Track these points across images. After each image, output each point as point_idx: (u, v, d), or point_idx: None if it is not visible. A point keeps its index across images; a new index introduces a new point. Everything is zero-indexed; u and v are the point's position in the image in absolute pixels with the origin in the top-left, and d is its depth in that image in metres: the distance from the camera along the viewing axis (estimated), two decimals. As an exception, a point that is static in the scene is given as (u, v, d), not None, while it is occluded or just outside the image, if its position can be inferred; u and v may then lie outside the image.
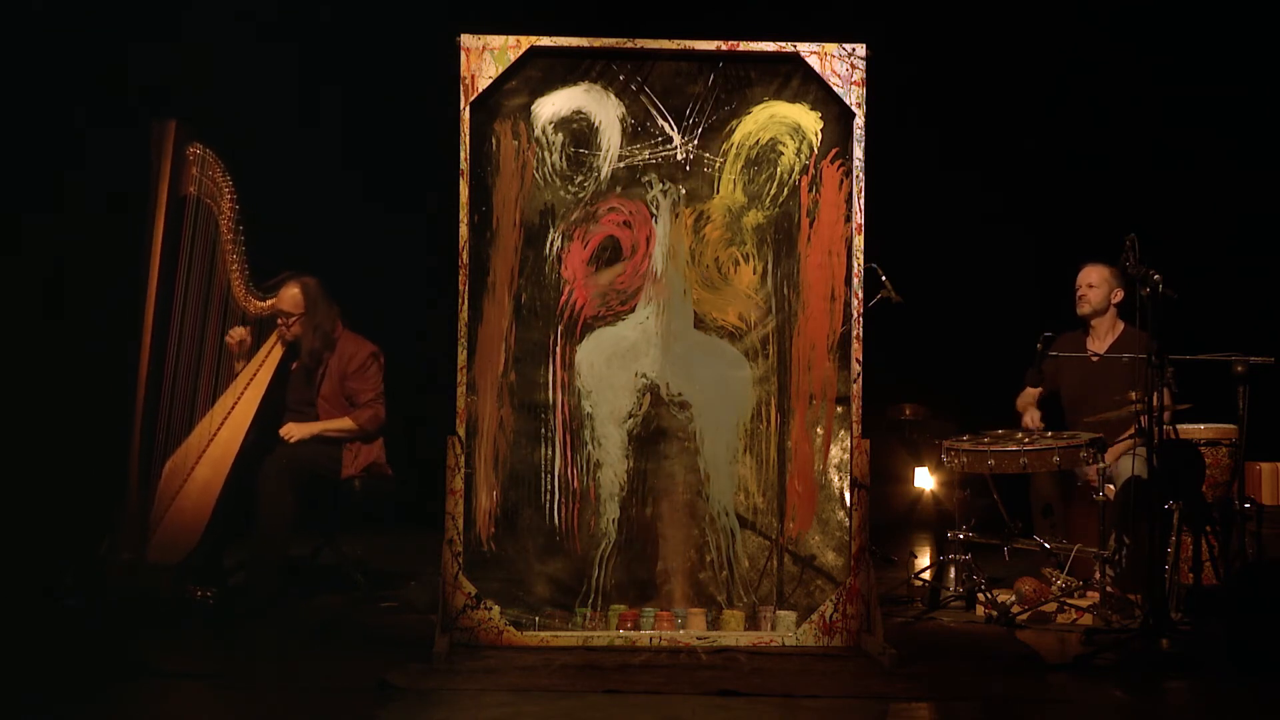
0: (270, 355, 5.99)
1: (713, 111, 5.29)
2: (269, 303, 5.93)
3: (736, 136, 5.29)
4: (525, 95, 5.25)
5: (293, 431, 5.89)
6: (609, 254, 5.29)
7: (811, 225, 5.28)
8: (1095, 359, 6.21)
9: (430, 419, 6.06)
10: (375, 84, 8.26)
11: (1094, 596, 5.60)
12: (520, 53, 5.18)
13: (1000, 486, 5.97)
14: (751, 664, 4.88)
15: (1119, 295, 6.26)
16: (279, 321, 5.98)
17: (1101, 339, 6.27)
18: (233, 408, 5.84)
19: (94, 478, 5.98)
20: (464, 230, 5.13)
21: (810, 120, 5.29)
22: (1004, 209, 8.57)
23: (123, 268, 5.77)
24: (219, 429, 5.79)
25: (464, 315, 5.14)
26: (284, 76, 8.05)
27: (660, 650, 5.04)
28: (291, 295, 5.97)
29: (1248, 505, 5.71)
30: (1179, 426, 5.89)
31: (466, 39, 5.17)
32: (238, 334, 5.92)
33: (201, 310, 5.74)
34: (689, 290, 5.29)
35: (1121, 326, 6.27)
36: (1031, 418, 6.23)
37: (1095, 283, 6.25)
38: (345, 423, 6.00)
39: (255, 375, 5.92)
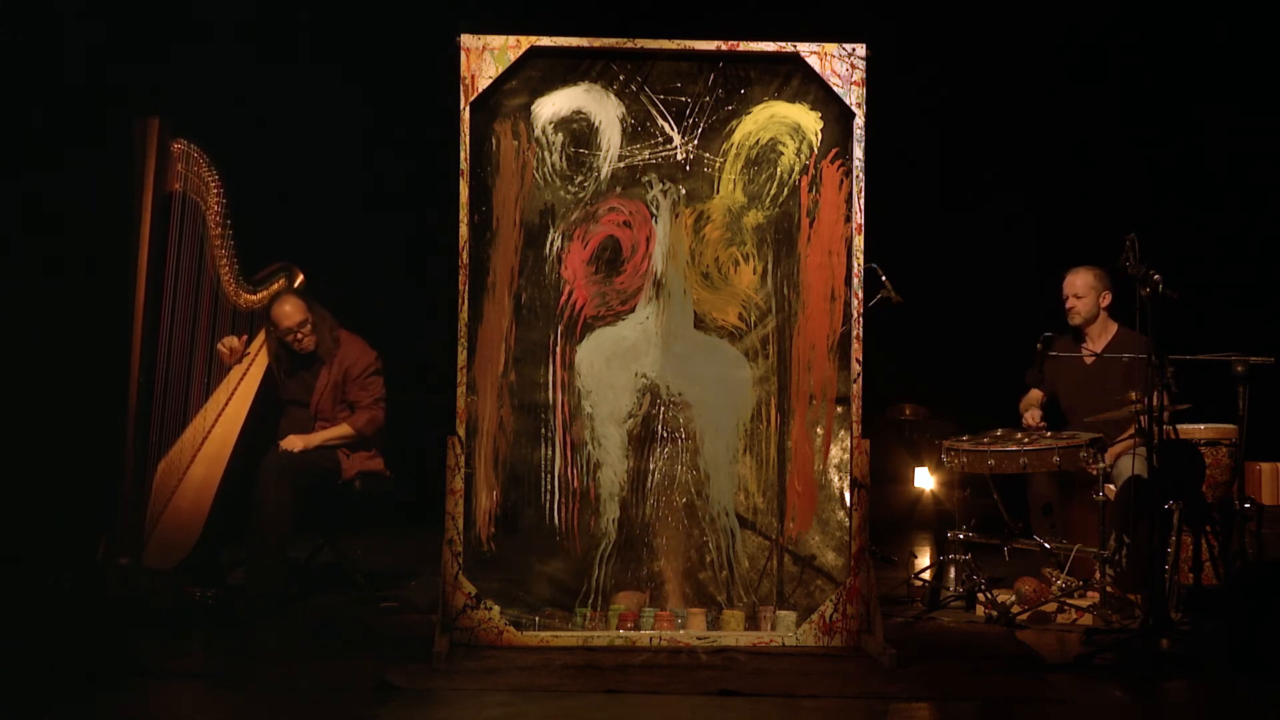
0: (264, 349, 5.97)
1: (713, 111, 5.29)
2: (259, 295, 5.90)
3: (736, 136, 5.29)
4: (525, 95, 5.25)
5: (294, 443, 5.86)
6: (609, 254, 5.29)
7: (811, 225, 5.28)
8: (1091, 359, 6.21)
9: (430, 419, 6.06)
10: (374, 84, 8.25)
11: (1094, 596, 5.60)
12: (520, 53, 5.18)
13: (1000, 486, 5.97)
14: (751, 664, 4.88)
15: (1107, 299, 6.24)
16: (290, 339, 5.92)
17: (1095, 343, 6.25)
18: (226, 403, 5.83)
19: (88, 479, 5.97)
20: (464, 230, 5.13)
21: (810, 120, 5.29)
22: (1004, 208, 8.58)
23: (111, 266, 5.76)
24: (213, 425, 5.78)
25: (464, 315, 5.14)
26: (281, 75, 8.04)
27: (660, 650, 5.04)
28: (289, 310, 5.88)
29: (1248, 505, 5.71)
30: (1179, 426, 5.88)
31: (466, 39, 5.17)
32: (229, 343, 5.89)
33: (192, 306, 5.74)
34: (689, 290, 5.29)
35: (1114, 328, 6.26)
36: (1032, 416, 6.23)
37: (1081, 292, 6.23)
38: (344, 429, 5.97)
39: (249, 370, 5.91)
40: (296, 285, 6.00)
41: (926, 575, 6.13)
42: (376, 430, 6.03)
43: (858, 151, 5.20)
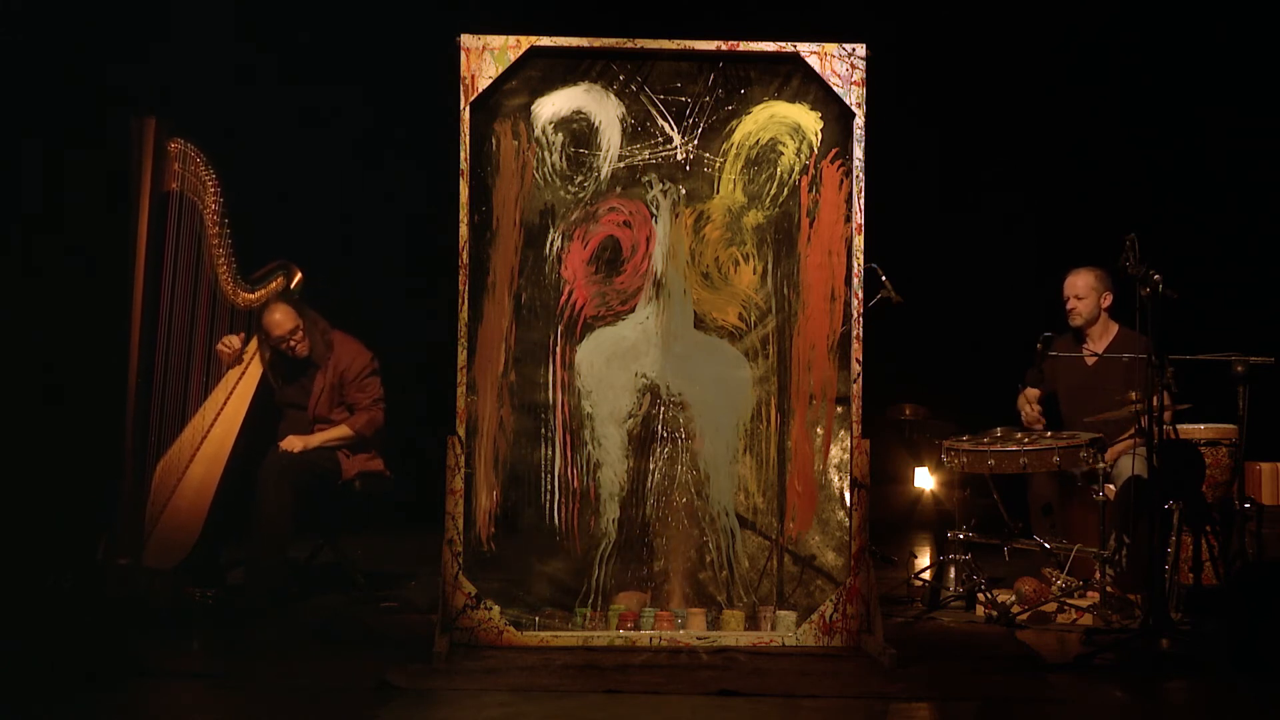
0: (257, 357, 5.97)
1: (713, 111, 5.29)
2: (258, 294, 5.89)
3: (736, 136, 5.29)
4: (525, 95, 5.25)
5: (294, 444, 5.86)
6: (609, 254, 5.29)
7: (811, 225, 5.28)
8: (1092, 359, 6.21)
9: (429, 419, 6.06)
10: (374, 84, 8.25)
11: (1094, 596, 5.60)
12: (520, 53, 5.18)
13: (1000, 486, 5.97)
14: (751, 664, 4.88)
15: (1108, 299, 6.24)
16: (284, 347, 5.91)
17: (1096, 343, 6.25)
18: (225, 403, 5.83)
19: (88, 479, 5.97)
20: (464, 230, 5.13)
21: (810, 120, 5.29)
22: (1004, 208, 8.58)
23: (109, 266, 5.76)
24: (213, 425, 5.78)
25: (464, 315, 5.14)
26: (281, 74, 8.05)
27: (660, 650, 5.04)
28: (279, 318, 5.86)
29: (1248, 505, 5.71)
30: (1179, 426, 5.89)
31: (466, 39, 5.17)
32: (229, 343, 5.88)
33: (190, 305, 5.74)
34: (689, 290, 5.29)
35: (1115, 328, 6.26)
36: (1031, 410, 6.22)
37: (1082, 293, 6.23)
38: (343, 430, 5.98)
39: (247, 369, 5.91)
40: (295, 284, 6.00)
41: (926, 575, 6.13)
42: (376, 431, 6.04)
43: (858, 151, 5.20)
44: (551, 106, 5.26)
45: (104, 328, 5.82)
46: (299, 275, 6.01)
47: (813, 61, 5.21)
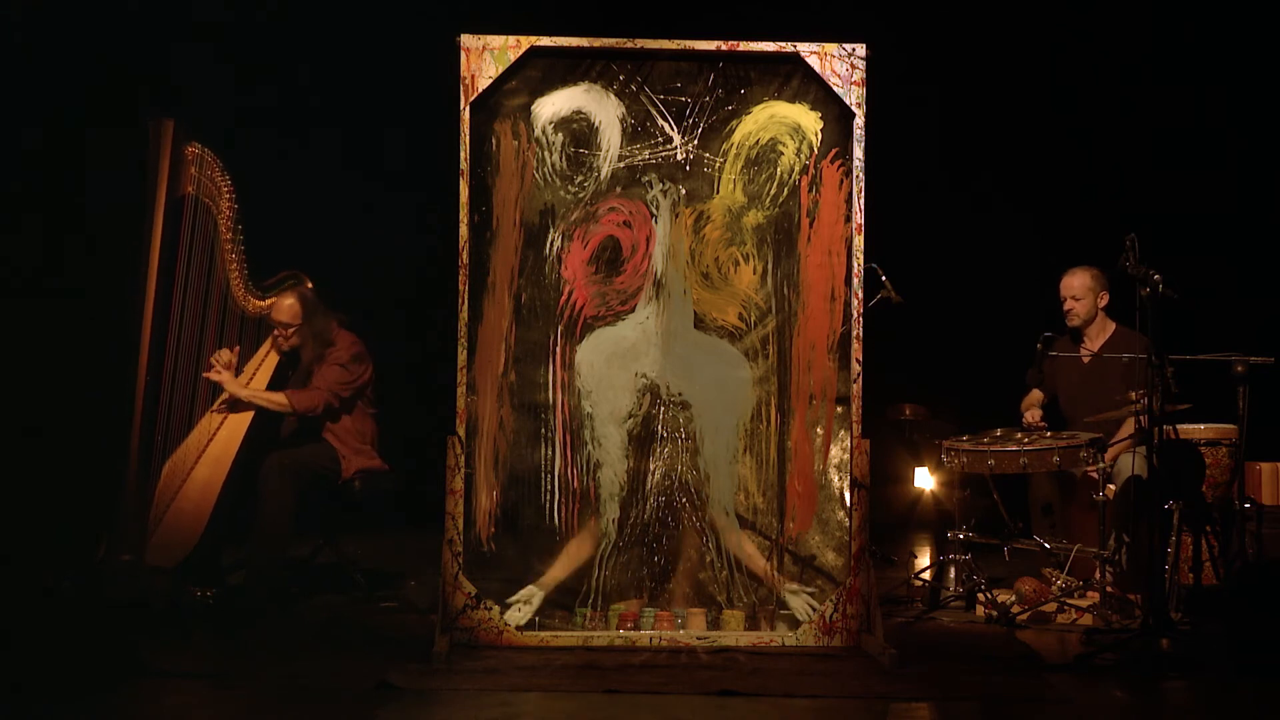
0: (270, 354, 5.99)
1: (713, 111, 5.29)
2: (268, 301, 5.91)
3: (736, 136, 5.29)
4: (525, 95, 5.25)
5: (227, 382, 5.78)
6: (609, 254, 5.29)
7: (811, 225, 5.28)
8: (1089, 358, 6.21)
9: (429, 419, 6.06)
10: (375, 83, 8.26)
11: (1094, 596, 5.60)
12: (520, 53, 5.18)
13: (1000, 486, 5.97)
14: (751, 664, 4.88)
15: (1104, 299, 6.24)
16: (275, 332, 5.93)
17: (1094, 343, 6.25)
18: (233, 406, 5.83)
19: (93, 478, 5.97)
20: (464, 230, 5.13)
21: (810, 120, 5.29)
22: (1005, 208, 8.57)
23: (121, 268, 5.77)
24: (219, 427, 5.79)
25: (464, 315, 5.14)
26: (282, 76, 8.05)
27: (660, 650, 5.04)
28: (289, 306, 5.91)
29: (1248, 505, 5.71)
30: (1179, 426, 5.88)
31: (466, 39, 5.17)
32: (224, 357, 5.86)
33: (200, 309, 5.74)
34: (689, 290, 5.29)
35: (1113, 327, 6.26)
36: (1032, 415, 6.23)
37: (1079, 294, 6.23)
38: (279, 397, 5.88)
39: (255, 373, 5.92)
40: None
41: (926, 575, 6.13)
42: (310, 413, 5.92)
43: (858, 151, 5.20)
44: (551, 106, 5.26)
45: (115, 329, 5.81)
46: (309, 285, 6.02)
47: (813, 61, 5.21)
